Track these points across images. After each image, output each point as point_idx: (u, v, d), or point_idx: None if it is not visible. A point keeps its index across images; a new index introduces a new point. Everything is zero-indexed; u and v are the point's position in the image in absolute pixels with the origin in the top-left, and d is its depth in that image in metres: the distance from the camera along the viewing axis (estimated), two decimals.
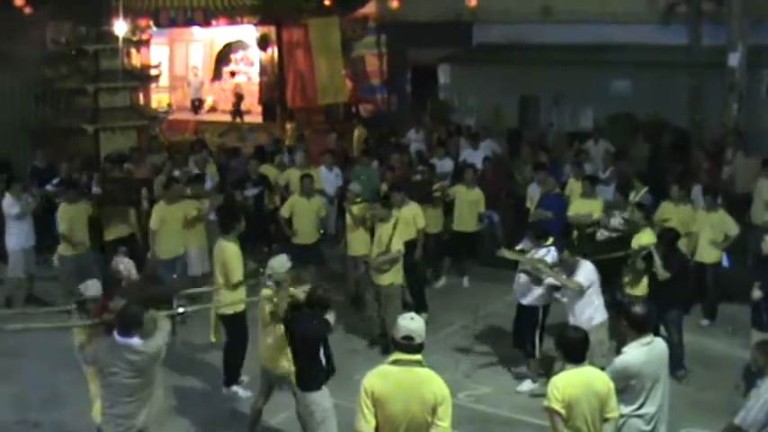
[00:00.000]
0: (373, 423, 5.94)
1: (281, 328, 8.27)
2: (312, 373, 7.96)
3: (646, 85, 18.77)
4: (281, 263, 8.75)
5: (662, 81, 18.26)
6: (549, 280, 9.70)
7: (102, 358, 7.05)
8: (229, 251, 9.83)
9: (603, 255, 9.87)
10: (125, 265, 8.74)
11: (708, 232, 11.99)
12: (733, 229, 11.96)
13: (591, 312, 9.34)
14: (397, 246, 11.15)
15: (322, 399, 7.95)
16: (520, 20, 20.51)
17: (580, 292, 9.35)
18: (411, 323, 6.06)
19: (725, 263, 12.22)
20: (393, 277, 11.19)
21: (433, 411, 5.92)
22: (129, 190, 13.79)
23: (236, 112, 24.65)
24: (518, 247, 10.31)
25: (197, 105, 25.68)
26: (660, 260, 10.10)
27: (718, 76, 17.60)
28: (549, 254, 9.89)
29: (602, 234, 10.93)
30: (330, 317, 8.13)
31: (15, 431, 9.33)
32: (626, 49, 18.85)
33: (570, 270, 9.45)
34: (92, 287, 8.14)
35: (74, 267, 12.37)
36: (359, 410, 5.97)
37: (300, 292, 8.25)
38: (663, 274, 10.03)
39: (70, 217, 12.62)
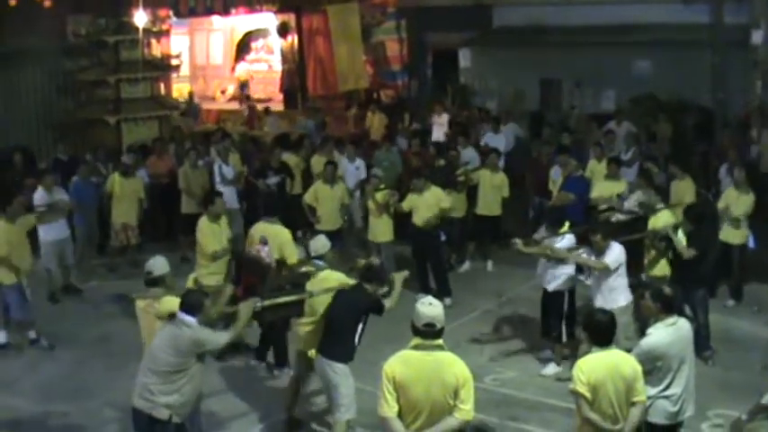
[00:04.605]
0: (396, 408, 5.95)
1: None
2: (342, 345, 7.97)
3: (668, 64, 18.61)
4: (322, 243, 8.81)
5: (684, 60, 18.10)
6: (573, 262, 9.67)
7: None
8: (282, 233, 10.02)
9: (619, 238, 9.77)
10: (265, 252, 8.77)
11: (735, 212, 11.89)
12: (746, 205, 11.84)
13: (616, 294, 9.27)
14: None
15: (344, 371, 7.97)
16: (540, 2, 20.40)
17: (606, 272, 9.29)
18: (431, 309, 6.05)
19: (751, 244, 12.12)
20: None
21: (455, 394, 5.93)
22: None
23: (244, 98, 24.60)
24: (536, 236, 10.22)
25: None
26: (685, 238, 10.03)
27: (741, 54, 17.42)
28: (563, 241, 9.82)
29: (616, 218, 10.85)
30: (388, 302, 8.11)
31: (44, 421, 9.38)
32: (647, 29, 18.70)
33: (599, 253, 9.37)
34: (160, 264, 8.13)
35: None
36: (381, 396, 5.99)
37: None
38: (688, 252, 9.94)
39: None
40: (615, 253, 9.34)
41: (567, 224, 10.12)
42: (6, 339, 11.27)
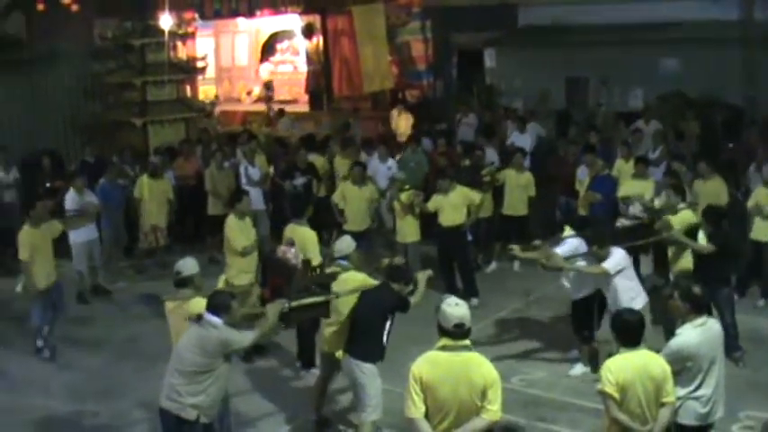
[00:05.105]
0: (423, 409, 5.94)
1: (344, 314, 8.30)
2: (369, 345, 7.97)
3: (696, 62, 18.43)
4: (347, 243, 8.82)
5: (713, 57, 17.91)
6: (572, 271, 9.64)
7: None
8: (307, 235, 10.12)
9: (624, 244, 9.70)
10: (292, 254, 8.85)
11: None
12: None
13: (630, 297, 9.15)
14: None
15: (372, 371, 7.98)
16: (565, 0, 20.29)
17: (607, 276, 9.21)
18: (458, 309, 6.05)
19: None
20: None
21: (483, 395, 5.92)
22: None
23: (269, 100, 24.68)
24: (535, 242, 10.18)
25: None
26: (706, 238, 9.95)
27: None
28: (564, 246, 9.75)
29: (621, 223, 10.78)
30: (413, 298, 8.11)
31: (74, 421, 9.46)
32: (675, 27, 18.56)
33: (601, 260, 9.30)
34: (190, 265, 8.17)
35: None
36: (408, 397, 5.98)
37: None
38: (707, 248, 9.87)
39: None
40: (616, 258, 9.24)
41: (567, 229, 10.08)
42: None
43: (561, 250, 9.64)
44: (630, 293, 9.18)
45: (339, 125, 19.64)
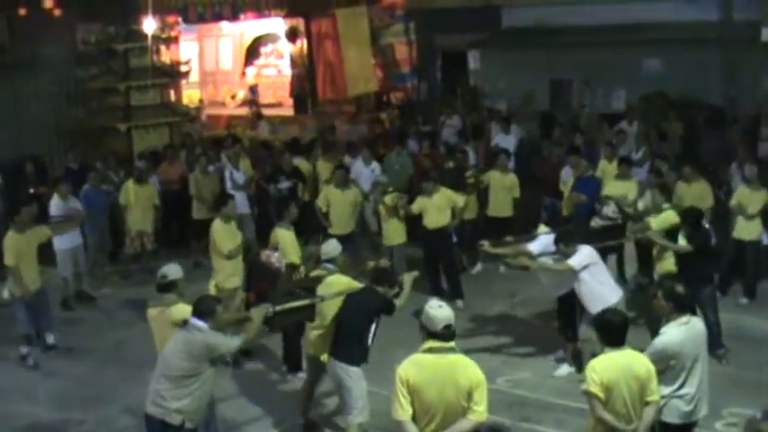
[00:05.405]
0: (410, 411, 5.96)
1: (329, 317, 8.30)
2: (354, 348, 7.99)
3: (677, 62, 18.53)
4: (333, 246, 8.83)
5: (694, 58, 18.01)
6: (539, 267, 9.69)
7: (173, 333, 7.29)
8: (286, 237, 10.17)
9: (597, 243, 9.76)
10: (275, 258, 8.89)
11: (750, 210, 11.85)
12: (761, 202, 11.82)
13: (598, 293, 9.19)
14: None
15: (357, 374, 8.00)
16: (548, 2, 20.35)
17: (572, 273, 9.27)
18: (444, 311, 6.09)
19: (765, 241, 12.08)
20: None
21: (469, 396, 5.95)
22: None
23: (253, 103, 24.69)
24: (508, 239, 10.22)
25: None
26: (685, 240, 10.02)
27: (752, 51, 17.36)
28: (536, 242, 9.78)
29: (596, 222, 10.85)
30: (398, 301, 8.13)
31: (59, 428, 9.44)
32: (656, 28, 18.64)
33: (568, 256, 9.36)
34: (174, 270, 8.18)
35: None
36: (395, 399, 6.00)
37: None
38: (683, 248, 9.94)
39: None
40: (582, 254, 9.31)
41: (541, 226, 10.13)
42: (54, 341, 11.40)
43: (532, 247, 9.72)
44: (607, 288, 9.24)
45: (323, 128, 19.65)
